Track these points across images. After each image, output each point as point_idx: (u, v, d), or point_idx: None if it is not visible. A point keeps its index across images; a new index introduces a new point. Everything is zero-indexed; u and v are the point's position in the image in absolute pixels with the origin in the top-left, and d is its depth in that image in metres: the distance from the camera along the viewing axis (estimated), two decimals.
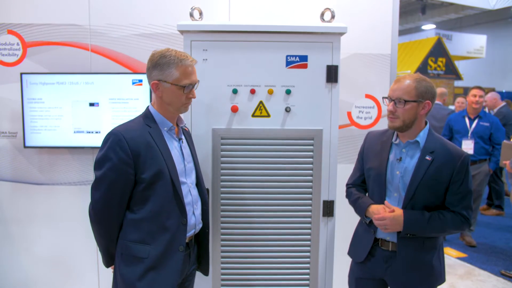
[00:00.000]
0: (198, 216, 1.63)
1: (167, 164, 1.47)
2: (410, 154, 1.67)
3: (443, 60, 10.95)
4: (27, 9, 2.40)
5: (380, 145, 1.75)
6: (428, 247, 1.66)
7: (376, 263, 1.72)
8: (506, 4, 5.56)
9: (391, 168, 1.69)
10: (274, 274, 1.92)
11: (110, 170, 1.41)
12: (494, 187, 5.28)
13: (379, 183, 1.71)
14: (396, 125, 1.64)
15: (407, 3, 12.25)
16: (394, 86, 1.64)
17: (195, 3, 1.92)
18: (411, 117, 1.61)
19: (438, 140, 1.65)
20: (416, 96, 1.60)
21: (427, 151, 1.62)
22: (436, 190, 1.62)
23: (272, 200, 1.89)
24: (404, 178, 1.65)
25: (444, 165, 1.60)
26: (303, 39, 1.83)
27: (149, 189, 1.46)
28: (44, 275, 2.57)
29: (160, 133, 1.52)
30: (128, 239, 1.48)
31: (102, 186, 1.43)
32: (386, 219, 1.61)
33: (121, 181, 1.43)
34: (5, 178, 2.51)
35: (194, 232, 1.61)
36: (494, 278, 3.39)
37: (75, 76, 2.36)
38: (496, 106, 5.07)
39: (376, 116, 2.47)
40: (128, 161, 1.42)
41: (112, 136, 1.43)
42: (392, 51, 2.44)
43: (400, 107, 1.60)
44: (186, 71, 1.48)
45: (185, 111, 1.57)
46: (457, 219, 1.61)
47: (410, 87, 1.60)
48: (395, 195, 1.68)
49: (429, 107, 1.63)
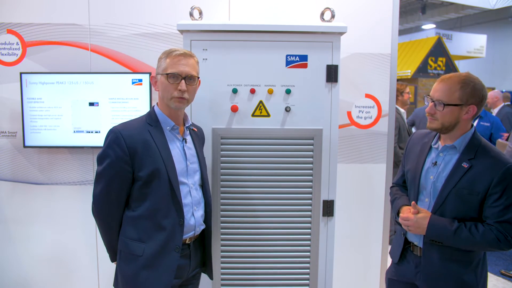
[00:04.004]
0: (199, 218, 1.61)
1: (165, 163, 1.47)
2: (446, 159, 1.55)
3: (443, 60, 10.94)
4: (26, 9, 2.39)
5: (420, 147, 1.67)
6: (458, 259, 1.52)
7: (408, 266, 1.66)
8: (506, 4, 5.55)
9: (426, 172, 1.60)
10: (274, 274, 1.92)
11: (108, 166, 1.45)
12: None
13: (413, 187, 1.64)
14: (433, 126, 1.54)
15: (407, 2, 12.24)
16: (437, 86, 1.51)
17: (195, 3, 1.92)
18: (452, 121, 1.49)
19: (482, 146, 1.50)
20: (459, 100, 1.46)
21: (465, 157, 1.49)
22: (470, 201, 1.47)
23: (272, 200, 1.89)
24: (436, 184, 1.55)
25: (482, 173, 1.44)
26: (303, 39, 1.82)
27: (147, 187, 1.48)
28: (43, 274, 2.57)
29: (162, 132, 1.52)
30: (126, 236, 1.51)
31: (101, 181, 1.48)
32: (410, 220, 1.54)
33: (119, 177, 1.46)
34: (4, 177, 2.51)
35: (194, 234, 1.59)
36: (494, 278, 3.39)
37: (74, 76, 2.36)
38: (497, 105, 5.03)
39: (376, 116, 2.46)
40: (125, 158, 1.44)
41: (111, 134, 1.47)
42: (392, 51, 2.44)
43: (439, 109, 1.49)
44: (173, 61, 1.49)
45: (175, 106, 1.52)
46: (491, 235, 1.43)
47: (452, 89, 1.46)
48: (426, 201, 1.59)
49: (474, 112, 1.48)
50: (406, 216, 1.56)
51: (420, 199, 1.62)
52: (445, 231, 1.48)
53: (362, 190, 2.49)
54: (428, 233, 1.51)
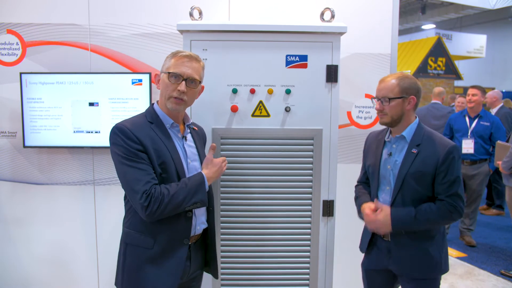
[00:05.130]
0: (200, 216, 1.59)
1: (172, 157, 1.48)
2: (399, 148, 1.75)
3: (443, 60, 10.95)
4: (26, 9, 2.39)
5: (376, 143, 1.86)
6: (421, 236, 1.70)
7: (380, 253, 1.80)
8: (506, 4, 5.55)
9: (384, 163, 1.78)
10: (274, 274, 1.92)
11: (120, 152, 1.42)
12: (496, 186, 5.27)
13: (375, 179, 1.82)
14: (385, 120, 1.73)
15: (407, 2, 12.25)
16: (379, 86, 1.74)
17: (195, 3, 1.92)
18: (398, 113, 1.70)
19: (426, 134, 1.72)
20: (400, 93, 1.68)
21: (413, 144, 1.70)
22: (423, 182, 1.67)
23: (272, 200, 1.89)
24: (393, 171, 1.73)
25: (428, 156, 1.66)
26: (303, 39, 1.83)
27: (158, 180, 1.46)
28: (43, 274, 2.57)
29: (164, 129, 1.52)
30: (133, 229, 1.49)
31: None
32: (373, 222, 1.70)
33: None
34: (4, 178, 2.51)
35: (195, 233, 1.58)
36: (494, 278, 3.38)
37: (74, 76, 2.36)
38: (495, 105, 5.02)
39: (376, 116, 2.46)
40: (137, 147, 1.42)
41: (117, 129, 1.43)
42: (392, 51, 2.44)
43: (386, 105, 1.70)
44: (177, 61, 1.49)
45: (171, 107, 1.50)
46: (444, 208, 1.65)
47: (393, 85, 1.69)
48: (387, 189, 1.77)
49: (414, 102, 1.70)
50: (371, 220, 1.71)
51: (381, 189, 1.79)
52: (407, 221, 1.66)
53: None
54: (394, 228, 1.68)
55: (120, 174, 1.43)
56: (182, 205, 1.43)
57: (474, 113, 4.04)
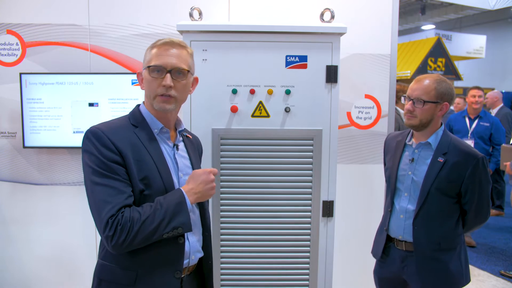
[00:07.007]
0: (195, 243, 1.29)
1: (159, 170, 1.20)
2: (422, 155, 1.67)
3: (442, 61, 10.95)
4: (26, 9, 2.39)
5: (395, 145, 1.79)
6: (444, 248, 1.64)
7: (394, 262, 1.75)
8: (505, 4, 5.55)
9: (403, 168, 1.70)
10: (273, 275, 1.92)
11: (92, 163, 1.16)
12: (496, 187, 5.26)
13: (391, 183, 1.75)
14: (413, 123, 1.64)
15: (407, 3, 12.25)
16: (414, 85, 1.64)
17: (195, 3, 1.92)
18: (428, 117, 1.61)
19: (452, 141, 1.64)
20: (435, 97, 1.59)
21: (439, 152, 1.62)
22: (450, 190, 1.61)
23: (272, 200, 1.88)
24: (415, 179, 1.66)
25: (456, 166, 1.58)
26: (303, 39, 1.83)
27: (136, 199, 1.17)
28: (43, 274, 2.56)
29: (150, 134, 1.25)
30: (108, 260, 1.20)
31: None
32: None
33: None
34: (4, 178, 2.51)
35: (189, 264, 1.28)
36: (494, 278, 3.39)
37: (74, 76, 2.36)
38: (496, 106, 5.04)
39: (376, 116, 2.46)
40: (115, 158, 1.15)
41: (90, 133, 1.17)
42: (392, 51, 2.44)
43: (419, 107, 1.60)
44: (158, 51, 1.22)
45: (159, 107, 1.23)
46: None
47: (430, 87, 1.59)
48: (405, 195, 1.69)
49: (447, 109, 1.63)
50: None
51: (398, 195, 1.72)
52: None
53: (361, 190, 2.49)
54: None
55: (87, 191, 1.16)
56: (157, 232, 1.12)
57: (475, 114, 4.04)
